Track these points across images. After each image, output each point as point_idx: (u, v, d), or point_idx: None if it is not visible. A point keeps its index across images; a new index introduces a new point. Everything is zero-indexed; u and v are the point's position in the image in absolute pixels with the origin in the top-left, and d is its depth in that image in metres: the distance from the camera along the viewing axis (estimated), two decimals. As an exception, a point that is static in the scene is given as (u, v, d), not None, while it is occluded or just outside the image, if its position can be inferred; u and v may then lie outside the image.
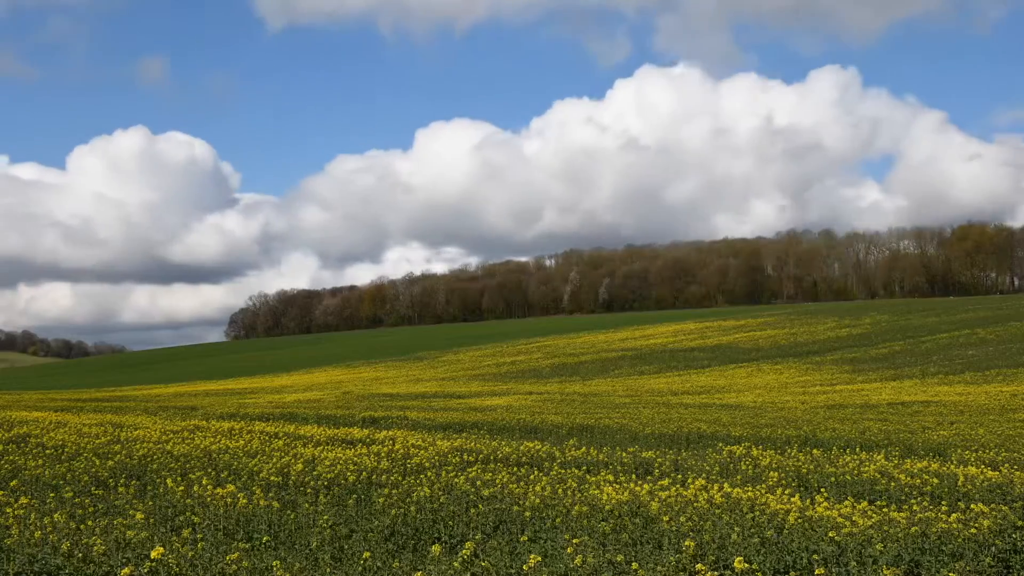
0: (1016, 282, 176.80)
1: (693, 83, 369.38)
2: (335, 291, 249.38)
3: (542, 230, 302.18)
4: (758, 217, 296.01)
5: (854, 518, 8.75)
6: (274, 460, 13.27)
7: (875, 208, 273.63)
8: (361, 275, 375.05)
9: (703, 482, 11.00)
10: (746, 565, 6.86)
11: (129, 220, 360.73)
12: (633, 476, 12.22)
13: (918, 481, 11.68)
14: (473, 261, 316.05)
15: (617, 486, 10.78)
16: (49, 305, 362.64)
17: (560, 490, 10.70)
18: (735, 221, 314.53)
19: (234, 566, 7.25)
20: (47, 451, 14.15)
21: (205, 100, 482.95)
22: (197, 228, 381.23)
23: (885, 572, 7.12)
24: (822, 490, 11.02)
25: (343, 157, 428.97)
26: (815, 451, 15.40)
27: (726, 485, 10.70)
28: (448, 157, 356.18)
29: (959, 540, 8.08)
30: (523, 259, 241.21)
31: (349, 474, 11.96)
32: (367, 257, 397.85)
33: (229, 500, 9.92)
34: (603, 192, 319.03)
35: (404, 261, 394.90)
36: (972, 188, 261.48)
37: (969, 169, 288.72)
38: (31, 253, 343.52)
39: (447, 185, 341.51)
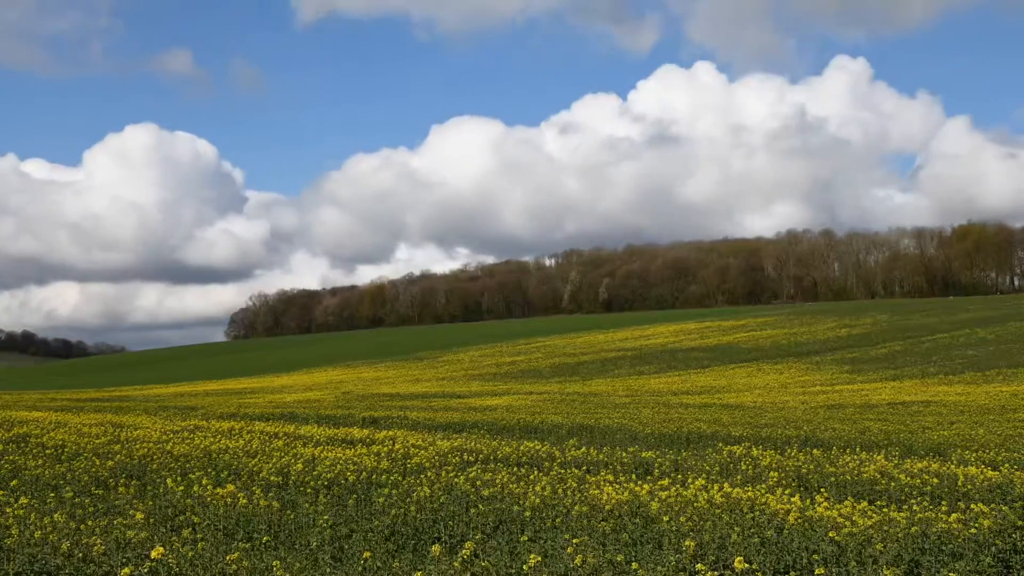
0: (1016, 282, 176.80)
1: (710, 80, 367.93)
2: (335, 291, 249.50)
3: (562, 232, 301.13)
4: (780, 215, 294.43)
5: (854, 518, 8.75)
6: (274, 460, 13.26)
7: (899, 208, 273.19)
8: (371, 276, 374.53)
9: (703, 482, 10.99)
10: (746, 565, 6.86)
11: (141, 219, 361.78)
12: (633, 476, 12.21)
13: (918, 481, 11.68)
14: (487, 261, 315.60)
15: (617, 486, 10.78)
16: (59, 304, 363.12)
17: (560, 490, 10.69)
18: (756, 219, 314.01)
19: (234, 566, 7.25)
20: (47, 451, 14.15)
21: (224, 95, 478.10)
22: (209, 228, 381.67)
23: (885, 572, 7.12)
24: (822, 490, 11.01)
25: (359, 156, 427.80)
26: (815, 451, 15.39)
27: (726, 485, 10.69)
28: (463, 155, 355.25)
29: (959, 540, 8.08)
30: (523, 259, 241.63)
31: (349, 474, 11.95)
32: (378, 258, 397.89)
33: (229, 500, 9.92)
34: (622, 192, 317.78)
35: (414, 262, 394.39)
36: (998, 187, 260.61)
37: (996, 168, 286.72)
38: (42, 253, 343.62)
39: (462, 184, 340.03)
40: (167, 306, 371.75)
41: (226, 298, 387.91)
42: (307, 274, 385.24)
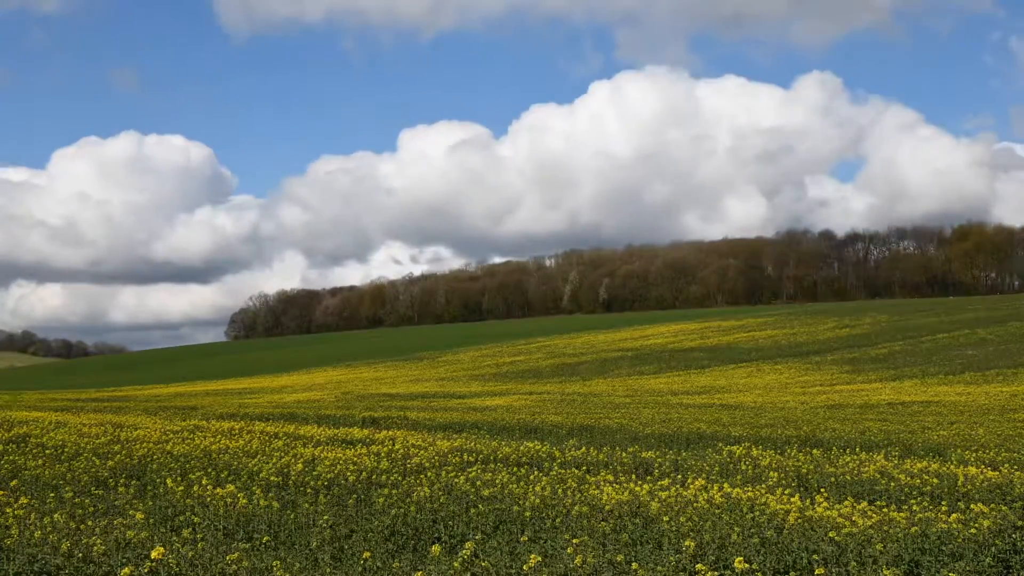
0: (1016, 282, 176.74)
1: (665, 86, 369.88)
2: (335, 291, 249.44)
3: (520, 230, 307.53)
4: (732, 219, 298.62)
5: (854, 518, 8.75)
6: (274, 460, 13.27)
7: (845, 209, 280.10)
8: (348, 275, 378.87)
9: (703, 482, 11.00)
10: (746, 565, 6.86)
11: (114, 220, 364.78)
12: (633, 476, 12.21)
13: (918, 481, 11.68)
14: (454, 260, 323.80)
15: (617, 486, 10.78)
16: (37, 304, 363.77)
17: (560, 490, 10.69)
18: (707, 222, 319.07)
19: (234, 566, 7.25)
20: (47, 451, 14.14)
21: (185, 107, 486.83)
22: (187, 229, 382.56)
23: (885, 572, 7.12)
24: (822, 490, 11.01)
25: (326, 158, 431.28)
26: (815, 451, 15.40)
27: (726, 485, 10.69)
28: (432, 159, 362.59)
29: (959, 540, 8.08)
30: (523, 259, 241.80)
31: (349, 474, 11.95)
32: (354, 257, 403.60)
33: (229, 500, 9.92)
34: (579, 193, 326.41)
35: (390, 261, 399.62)
36: (941, 189, 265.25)
37: (939, 170, 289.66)
38: (19, 253, 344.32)
39: (428, 186, 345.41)
40: (143, 307, 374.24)
41: (205, 298, 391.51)
42: (286, 275, 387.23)
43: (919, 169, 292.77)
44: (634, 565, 7.23)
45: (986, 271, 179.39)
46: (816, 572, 7.03)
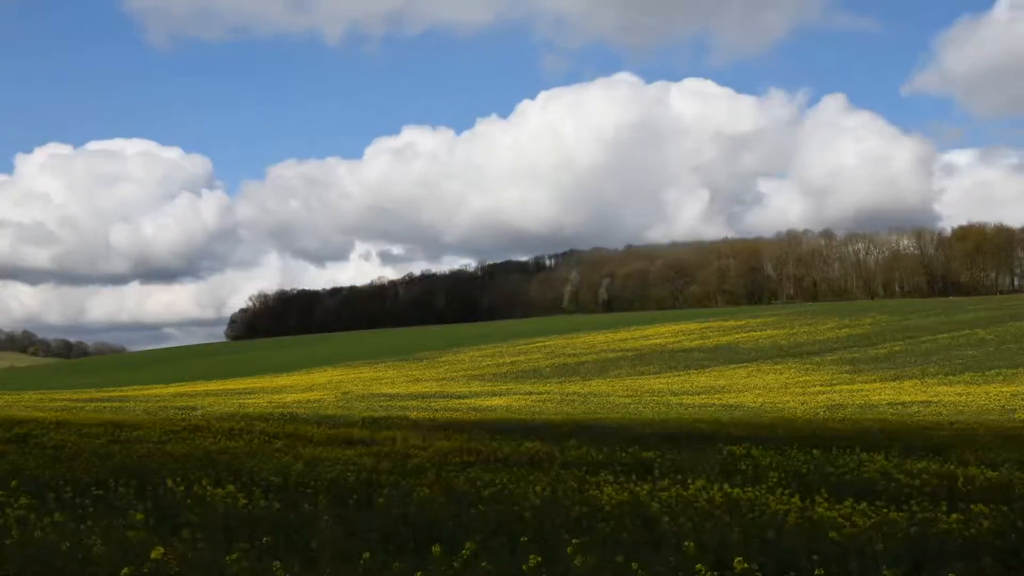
0: (1016, 282, 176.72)
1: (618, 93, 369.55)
2: (335, 291, 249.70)
3: (491, 229, 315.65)
4: (682, 223, 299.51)
5: (854, 518, 8.75)
6: (274, 460, 13.27)
7: (782, 210, 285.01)
8: (327, 276, 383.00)
9: (703, 482, 11.00)
10: (746, 565, 6.86)
11: (87, 222, 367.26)
12: (633, 476, 12.21)
13: (918, 481, 11.68)
14: (421, 261, 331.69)
15: (617, 486, 10.78)
16: (12, 304, 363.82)
17: (560, 490, 10.69)
18: (657, 222, 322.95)
19: (234, 566, 7.25)
20: (47, 451, 14.16)
21: (158, 113, 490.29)
22: (161, 228, 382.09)
23: (885, 572, 7.11)
24: (822, 490, 11.01)
25: (290, 162, 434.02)
26: (815, 451, 15.40)
27: (726, 485, 10.70)
28: (406, 162, 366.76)
29: (959, 540, 8.08)
30: (523, 258, 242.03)
31: (349, 474, 11.96)
32: (332, 257, 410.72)
33: (229, 500, 9.92)
34: (539, 195, 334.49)
35: (365, 262, 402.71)
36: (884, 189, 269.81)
37: (881, 170, 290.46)
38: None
39: (407, 189, 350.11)
40: (123, 307, 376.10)
41: (186, 298, 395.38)
42: (267, 275, 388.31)
43: (858, 168, 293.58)
44: (634, 565, 7.22)
45: (986, 271, 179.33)
46: (816, 572, 7.03)
